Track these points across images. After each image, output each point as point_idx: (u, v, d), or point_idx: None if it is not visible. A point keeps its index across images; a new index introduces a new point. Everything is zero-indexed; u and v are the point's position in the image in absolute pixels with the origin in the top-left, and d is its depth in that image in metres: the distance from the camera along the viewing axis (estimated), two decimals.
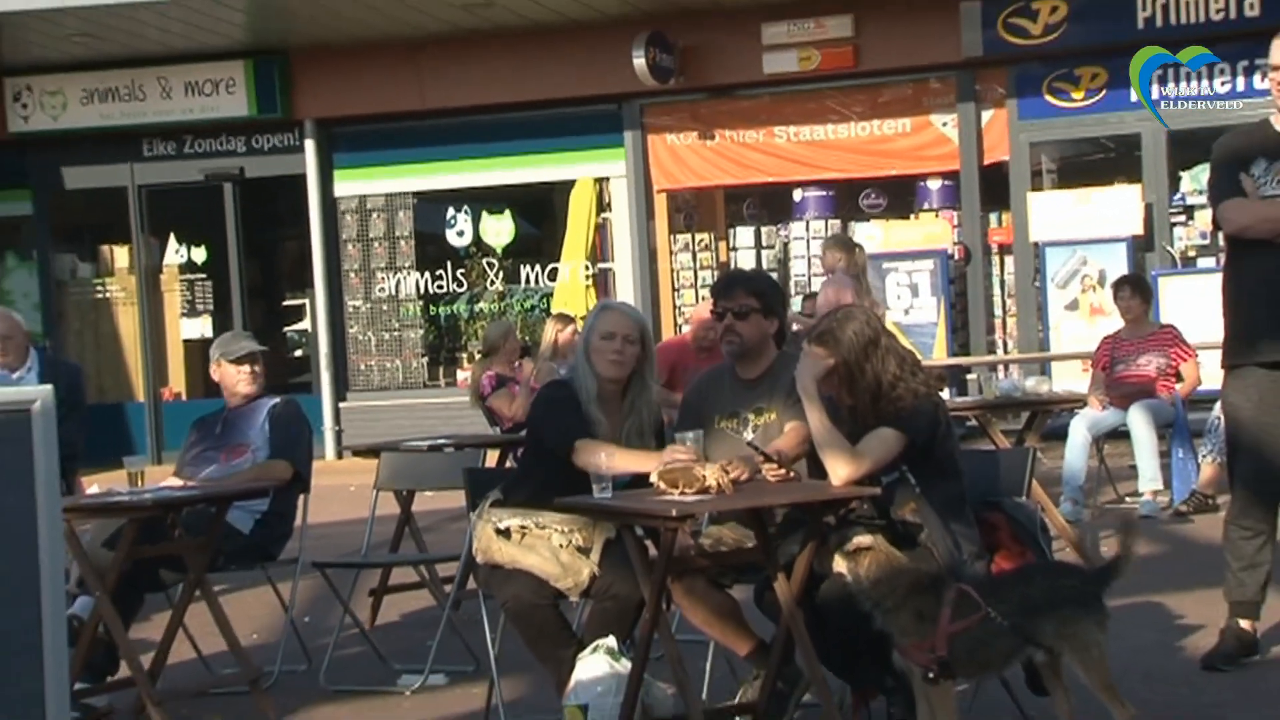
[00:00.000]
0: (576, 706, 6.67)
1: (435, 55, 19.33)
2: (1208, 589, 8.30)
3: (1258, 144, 8.06)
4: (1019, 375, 15.41)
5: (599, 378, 7.23)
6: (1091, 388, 13.30)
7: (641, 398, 7.39)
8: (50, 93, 20.59)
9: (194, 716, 8.24)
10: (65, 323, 21.57)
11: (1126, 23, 17.24)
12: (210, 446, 9.11)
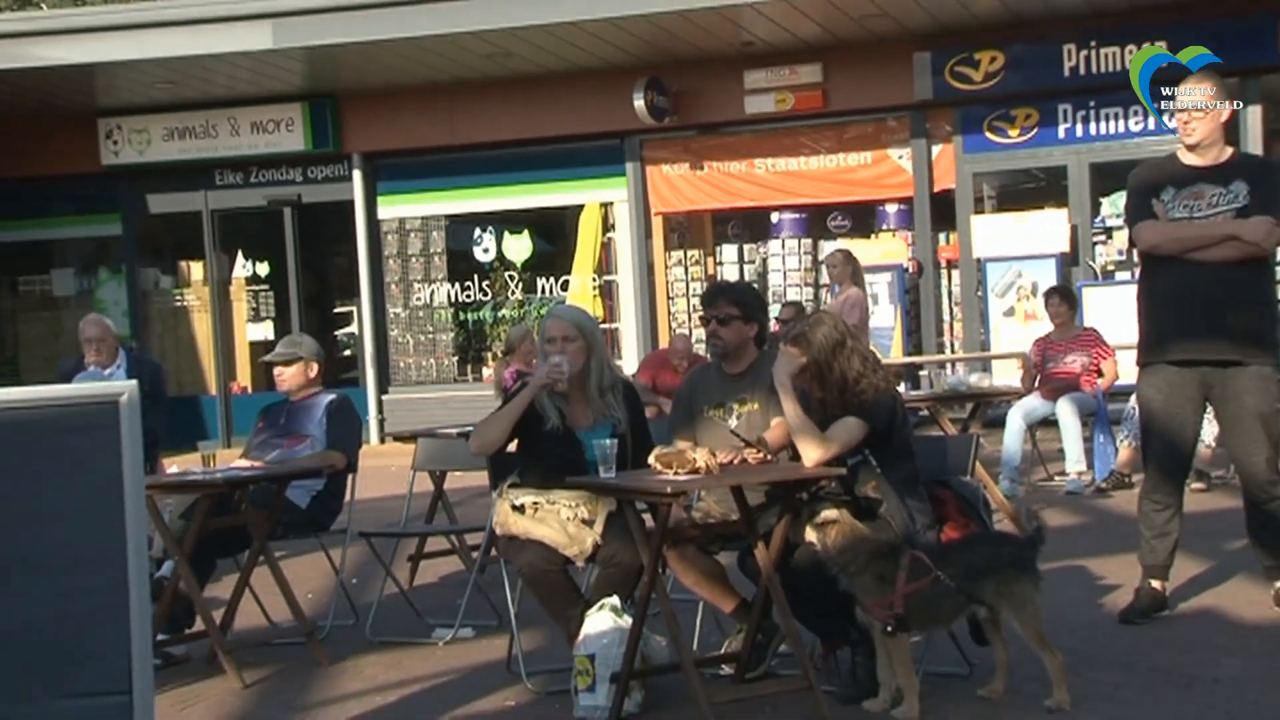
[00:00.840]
0: (585, 656, 6.69)
1: (464, 97, 19.32)
2: (1124, 554, 8.32)
3: (1167, 174, 8.12)
4: (964, 372, 15.40)
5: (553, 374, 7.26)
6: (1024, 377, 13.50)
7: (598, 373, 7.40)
8: (137, 131, 20.59)
9: (257, 663, 8.25)
10: (149, 327, 21.55)
11: (1054, 72, 17.28)
12: (275, 434, 9.17)
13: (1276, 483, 8.04)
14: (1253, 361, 7.90)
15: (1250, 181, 7.92)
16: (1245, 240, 7.79)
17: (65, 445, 4.44)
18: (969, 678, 6.92)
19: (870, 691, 6.60)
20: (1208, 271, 7.88)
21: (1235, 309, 7.93)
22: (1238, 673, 6.98)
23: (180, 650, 8.37)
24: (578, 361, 7.27)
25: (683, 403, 7.55)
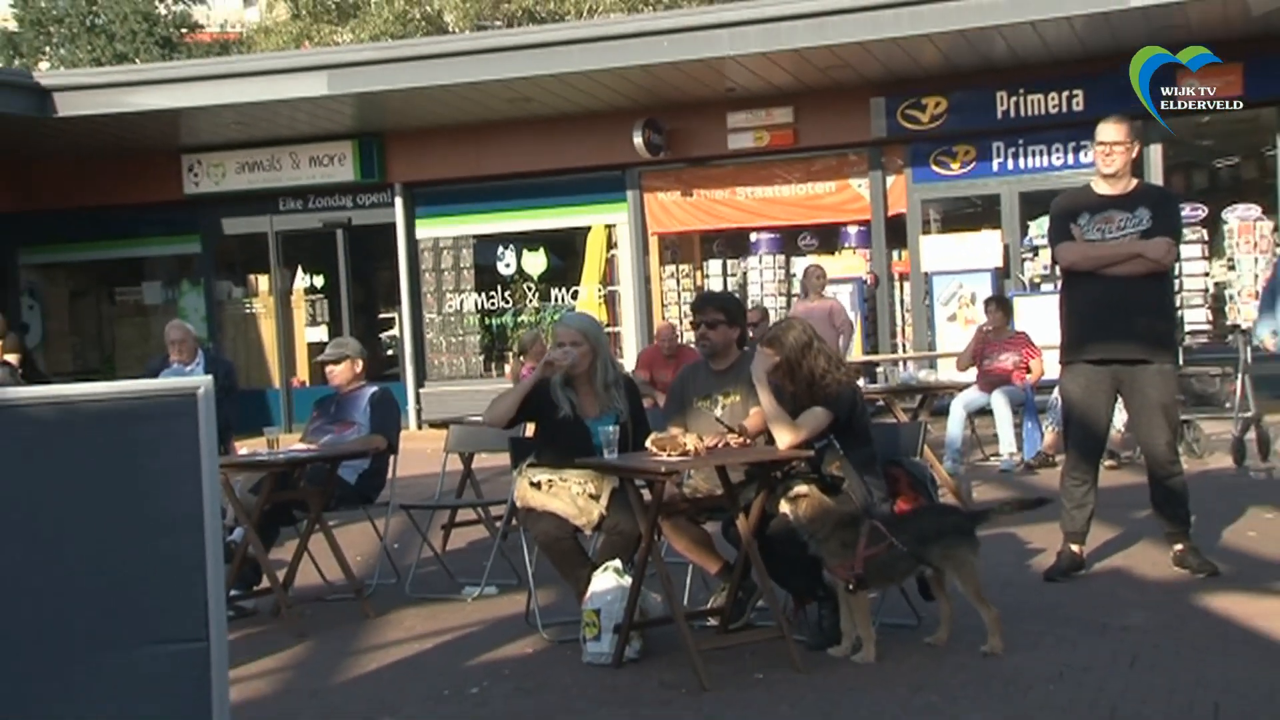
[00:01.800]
0: (592, 610, 6.74)
1: (489, 135, 19.30)
2: (1048, 523, 8.30)
3: (1082, 202, 8.20)
4: (914, 369, 15.45)
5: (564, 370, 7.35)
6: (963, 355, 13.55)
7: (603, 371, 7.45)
8: (214, 165, 20.59)
9: (314, 615, 8.27)
10: (223, 331, 21.55)
11: (988, 115, 17.29)
12: (327, 421, 9.22)
13: (1175, 461, 8.18)
14: (1156, 360, 8.00)
15: (1152, 208, 8.02)
16: (1149, 258, 7.89)
17: (153, 430, 4.44)
18: (917, 628, 6.95)
19: (834, 640, 6.64)
20: (1117, 284, 7.96)
21: (1141, 316, 8.01)
22: (1142, 621, 7.01)
23: (249, 604, 8.42)
24: (583, 361, 7.33)
25: (675, 395, 7.58)
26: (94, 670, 4.32)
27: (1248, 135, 17.31)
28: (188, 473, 4.45)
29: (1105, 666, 6.23)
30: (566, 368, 7.31)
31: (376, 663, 7.22)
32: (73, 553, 4.35)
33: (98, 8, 44.20)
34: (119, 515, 4.40)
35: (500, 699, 6.31)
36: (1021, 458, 12.84)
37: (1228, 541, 8.95)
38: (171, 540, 4.40)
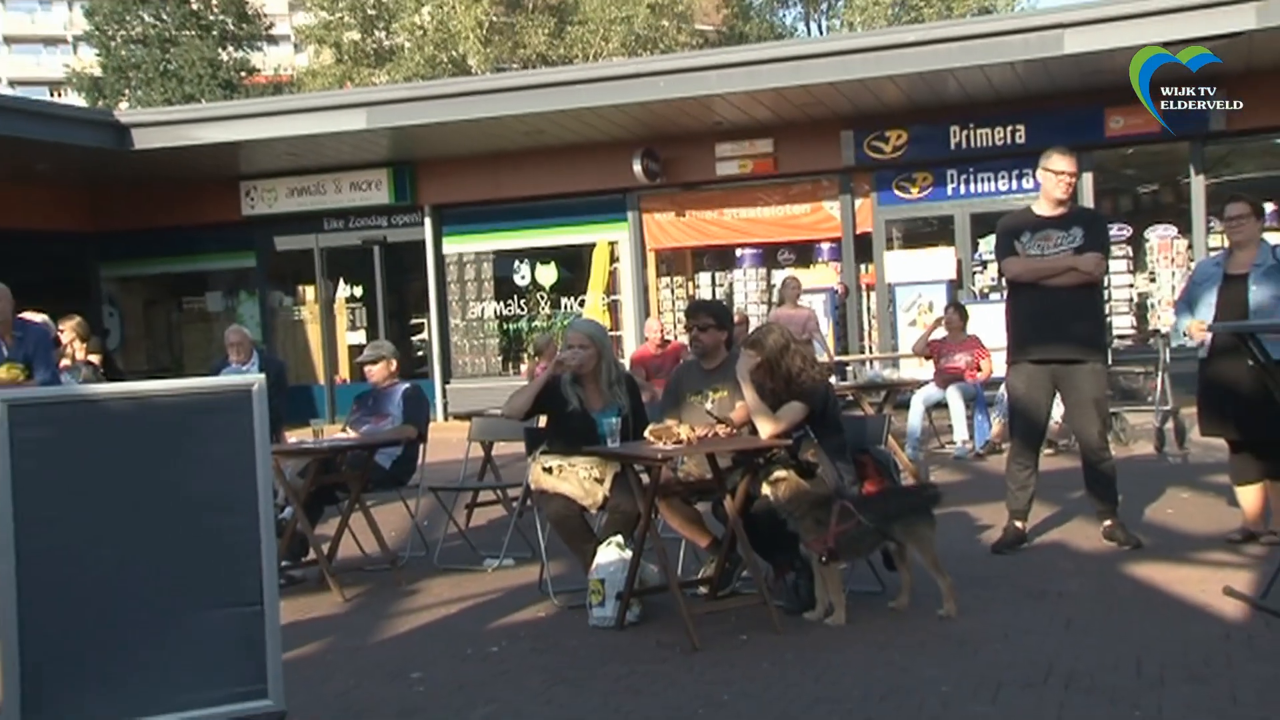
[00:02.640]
0: (597, 580, 6.73)
1: (507, 163, 19.28)
2: (995, 502, 8.33)
3: (1024, 222, 8.23)
4: (879, 368, 15.44)
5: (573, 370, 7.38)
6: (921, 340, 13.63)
7: (608, 371, 7.47)
8: (267, 190, 20.58)
9: (354, 583, 8.24)
10: (275, 334, 21.52)
11: (943, 146, 17.28)
12: (366, 413, 9.20)
13: (1106, 449, 8.18)
14: (1089, 360, 8.01)
15: (1084, 227, 8.06)
16: (1081, 270, 7.92)
17: (215, 421, 4.48)
18: (882, 594, 6.94)
19: (810, 605, 6.63)
20: (1055, 294, 7.98)
21: (1075, 322, 8.03)
22: (1076, 588, 7.01)
23: (298, 573, 8.40)
24: (589, 362, 7.35)
25: (671, 391, 7.58)
26: (172, 627, 4.37)
27: (1166, 166, 17.34)
28: (244, 458, 4.47)
29: (1044, 627, 6.23)
30: (575, 367, 7.34)
31: (408, 625, 7.22)
32: (149, 527, 4.40)
33: (169, 55, 44.87)
34: (185, 495, 4.45)
35: (517, 657, 6.30)
36: (973, 445, 12.81)
37: (1149, 518, 8.96)
38: (230, 517, 4.45)
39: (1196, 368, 8.08)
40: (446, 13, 39.60)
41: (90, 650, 4.29)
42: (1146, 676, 5.38)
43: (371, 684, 5.98)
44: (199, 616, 4.38)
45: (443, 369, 20.47)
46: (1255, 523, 7.87)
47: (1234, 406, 7.69)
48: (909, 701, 5.19)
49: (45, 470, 4.29)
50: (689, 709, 5.24)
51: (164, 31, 45.33)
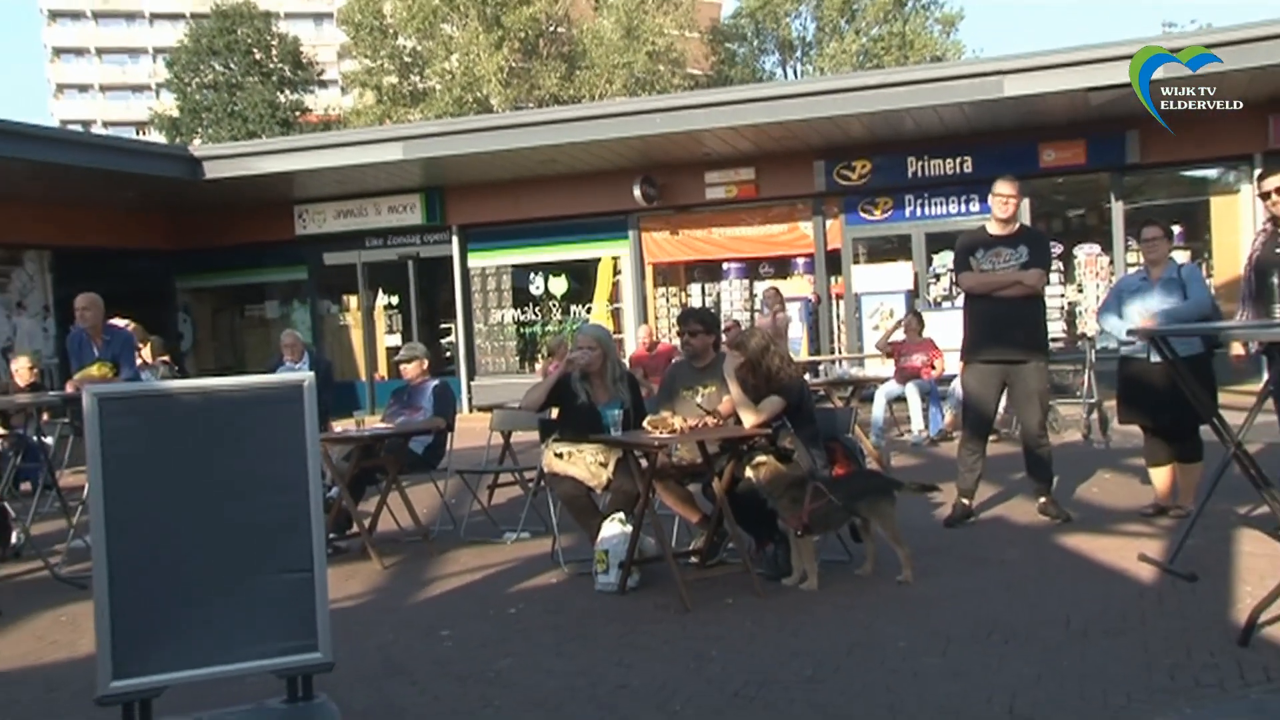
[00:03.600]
0: (602, 550, 6.74)
1: (524, 188, 19.25)
2: (947, 482, 8.29)
3: (978, 240, 8.26)
4: (847, 366, 15.45)
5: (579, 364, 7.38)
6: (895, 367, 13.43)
7: (612, 369, 7.47)
8: (317, 212, 20.56)
9: (391, 553, 8.24)
10: (324, 337, 21.48)
11: (902, 175, 17.23)
12: (401, 406, 9.20)
13: (1044, 436, 8.22)
14: (1033, 360, 8.04)
15: (1030, 246, 8.10)
16: (1026, 284, 7.95)
17: (272, 412, 4.48)
18: (849, 562, 6.94)
19: (786, 572, 6.64)
20: (1004, 304, 8.01)
21: (1021, 327, 8.05)
22: (1017, 557, 7.01)
23: (343, 544, 8.40)
24: (596, 361, 7.35)
25: (666, 386, 7.56)
26: (235, 589, 4.37)
27: (1090, 193, 17.32)
28: (296, 444, 4.48)
29: (987, 590, 6.24)
30: (584, 365, 7.34)
31: (438, 589, 7.22)
32: (215, 503, 4.42)
33: (236, 99, 45.85)
34: (246, 475, 4.45)
35: (532, 617, 6.31)
36: (928, 434, 12.83)
37: (1078, 495, 8.96)
38: (284, 495, 4.45)
39: (1116, 366, 8.20)
40: (472, 59, 39.68)
41: (166, 608, 4.30)
42: (1073, 630, 5.42)
43: (407, 639, 5.99)
44: (258, 581, 4.38)
45: (468, 367, 20.44)
46: (1165, 498, 7.96)
47: (1148, 399, 7.80)
48: (872, 654, 5.21)
49: (129, 454, 4.31)
50: (682, 662, 5.25)
51: (231, 78, 46.49)
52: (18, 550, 9.03)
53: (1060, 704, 4.46)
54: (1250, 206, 15.58)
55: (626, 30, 39.88)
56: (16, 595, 7.65)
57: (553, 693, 4.91)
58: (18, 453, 9.63)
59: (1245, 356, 8.02)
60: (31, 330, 19.33)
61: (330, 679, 4.56)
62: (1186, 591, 5.98)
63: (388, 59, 42.56)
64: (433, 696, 4.97)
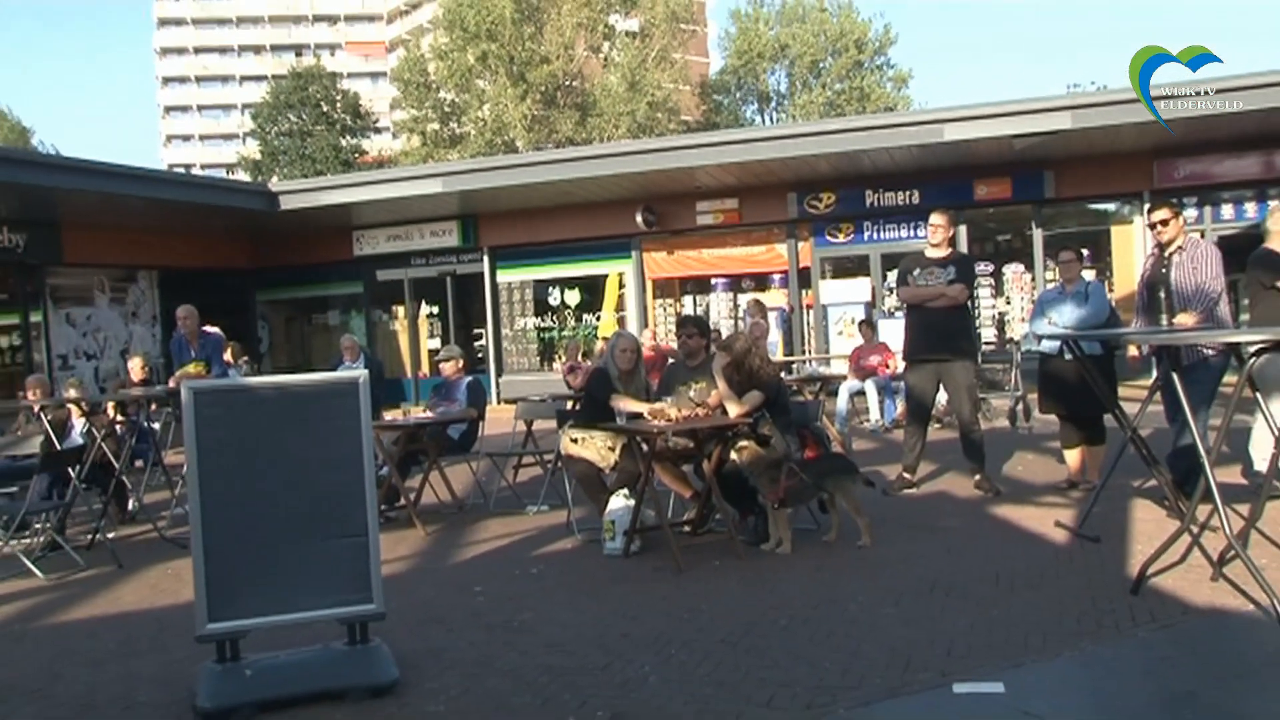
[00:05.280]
0: (609, 521, 6.73)
1: (543, 215, 19.21)
2: (894, 461, 8.31)
3: (917, 261, 8.32)
4: (816, 366, 15.42)
5: (619, 368, 7.37)
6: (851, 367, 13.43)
7: (640, 376, 7.48)
8: (372, 236, 20.54)
9: (432, 522, 8.23)
10: (377, 341, 21.41)
11: (861, 205, 17.18)
12: (440, 399, 9.18)
13: (976, 423, 8.24)
14: (959, 359, 8.08)
15: (957, 266, 8.16)
16: (949, 295, 8.02)
17: (334, 404, 4.48)
18: (817, 530, 6.93)
19: (765, 539, 6.63)
20: (935, 313, 8.07)
21: (949, 332, 8.08)
22: (956, 524, 7.01)
23: (392, 514, 8.36)
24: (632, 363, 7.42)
25: (664, 382, 7.52)
26: (303, 550, 4.38)
27: (1015, 221, 17.29)
28: (353, 430, 4.48)
29: (932, 552, 6.23)
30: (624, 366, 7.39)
31: (472, 552, 7.21)
32: (287, 479, 4.42)
33: (306, 143, 46.53)
34: (312, 456, 4.45)
35: (550, 576, 6.30)
36: (884, 422, 12.79)
37: (1006, 473, 8.95)
38: (343, 472, 4.45)
39: (1037, 364, 8.25)
40: (500, 109, 39.73)
41: (248, 565, 4.33)
42: (1001, 585, 5.42)
43: (446, 594, 5.99)
44: (322, 544, 4.39)
45: (496, 366, 20.39)
46: (1076, 475, 7.99)
47: (1062, 391, 7.84)
48: (836, 608, 5.20)
49: (219, 437, 4.34)
50: (676, 614, 5.24)
51: (303, 127, 47.23)
52: (134, 515, 9.27)
53: (989, 645, 4.47)
54: (1141, 234, 15.66)
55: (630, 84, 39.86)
56: (133, 552, 7.76)
57: (567, 639, 4.91)
58: (132, 435, 9.73)
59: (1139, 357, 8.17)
60: (143, 335, 19.61)
61: (382, 626, 4.56)
62: (1092, 551, 6.01)
63: (430, 109, 42.61)
64: (467, 642, 4.97)
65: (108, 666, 4.96)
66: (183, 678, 4.54)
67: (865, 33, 44.45)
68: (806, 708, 3.90)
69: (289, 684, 4.29)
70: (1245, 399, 5.17)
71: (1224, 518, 4.81)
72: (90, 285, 18.87)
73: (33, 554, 7.44)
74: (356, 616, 4.43)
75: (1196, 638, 4.50)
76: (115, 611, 6.11)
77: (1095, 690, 3.99)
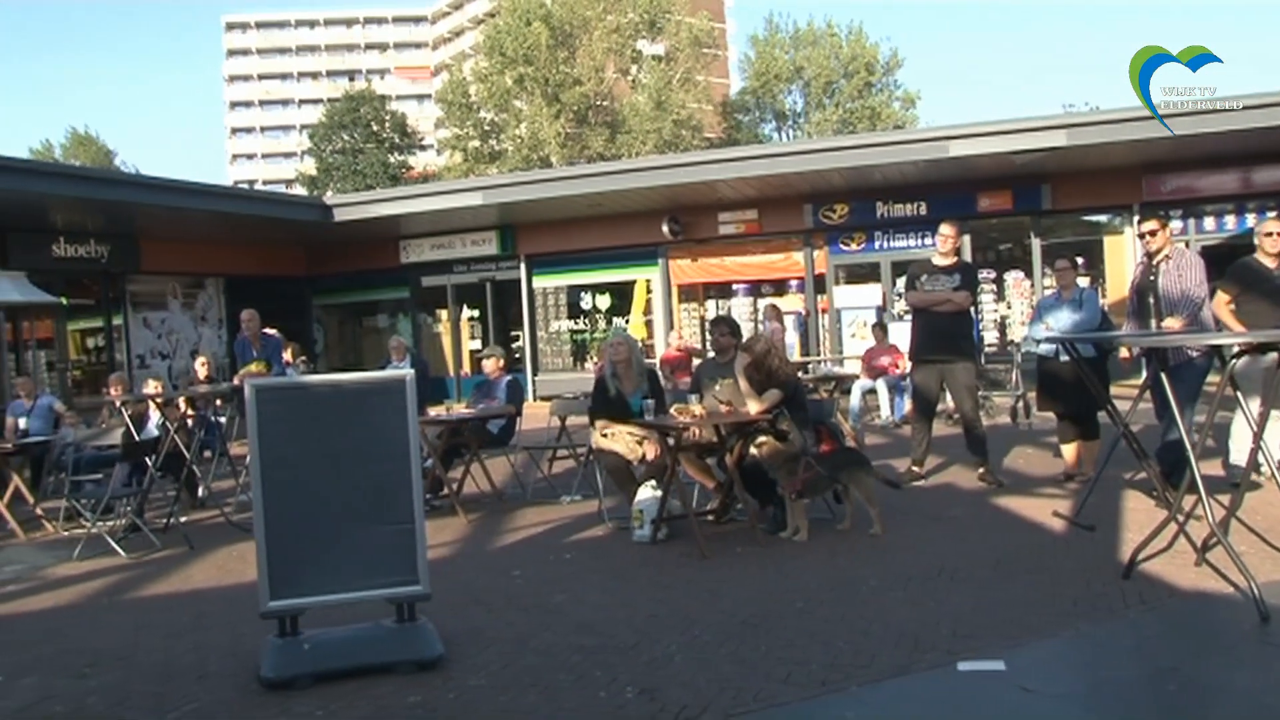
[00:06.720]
0: (638, 510, 6.73)
1: (577, 225, 19.22)
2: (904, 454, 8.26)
3: (925, 268, 8.29)
4: (831, 365, 15.36)
5: (611, 362, 7.43)
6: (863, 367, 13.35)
7: (636, 366, 7.46)
8: (417, 245, 20.60)
9: (474, 510, 8.26)
10: (422, 342, 21.50)
11: (873, 215, 17.12)
12: (481, 396, 9.17)
13: (978, 420, 8.20)
14: (961, 361, 8.05)
15: (962, 274, 8.13)
16: (954, 302, 7.98)
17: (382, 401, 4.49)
18: (832, 520, 6.88)
19: (783, 527, 6.61)
20: (939, 318, 8.05)
21: (952, 335, 8.06)
22: (960, 514, 6.95)
23: (436, 503, 8.32)
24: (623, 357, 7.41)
25: (696, 378, 7.53)
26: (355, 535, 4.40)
27: (1016, 231, 17.15)
28: (400, 425, 4.49)
29: (939, 539, 6.20)
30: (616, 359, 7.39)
31: (510, 539, 7.23)
32: (340, 469, 4.42)
33: (358, 160, 46.86)
34: (363, 448, 4.45)
35: (583, 561, 6.32)
36: (894, 418, 12.72)
37: (1008, 466, 8.87)
38: (391, 464, 4.45)
39: (1036, 364, 8.20)
40: (536, 127, 39.82)
41: (306, 549, 4.36)
42: (1003, 570, 5.39)
43: (487, 577, 6.01)
44: (372, 529, 4.40)
45: (533, 365, 20.41)
46: (1073, 468, 7.92)
47: (1059, 390, 7.80)
48: (850, 591, 5.18)
49: (279, 431, 4.37)
50: (701, 597, 5.24)
51: (355, 145, 47.68)
52: (203, 501, 9.42)
53: (992, 625, 4.44)
54: (1132, 244, 15.56)
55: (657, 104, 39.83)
56: (202, 535, 7.90)
57: (598, 620, 4.91)
58: (201, 428, 9.86)
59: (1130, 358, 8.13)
60: (210, 337, 19.90)
61: (428, 606, 4.58)
62: (1087, 538, 5.96)
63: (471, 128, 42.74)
64: (506, 622, 4.99)
65: (183, 638, 5.03)
66: (248, 650, 4.59)
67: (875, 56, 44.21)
68: (821, 684, 3.88)
69: (343, 657, 4.32)
70: (1227, 397, 5.20)
71: (1208, 507, 4.80)
72: (164, 291, 19.18)
73: (116, 535, 7.58)
74: (404, 597, 4.45)
75: (1181, 618, 4.49)
76: (188, 589, 6.21)
77: (1089, 666, 3.97)
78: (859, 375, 13.19)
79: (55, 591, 6.34)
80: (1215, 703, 3.63)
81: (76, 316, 17.93)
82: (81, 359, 18.29)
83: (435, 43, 78.71)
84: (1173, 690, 3.69)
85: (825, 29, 45.18)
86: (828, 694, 3.80)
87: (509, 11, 40.39)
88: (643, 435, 7.04)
